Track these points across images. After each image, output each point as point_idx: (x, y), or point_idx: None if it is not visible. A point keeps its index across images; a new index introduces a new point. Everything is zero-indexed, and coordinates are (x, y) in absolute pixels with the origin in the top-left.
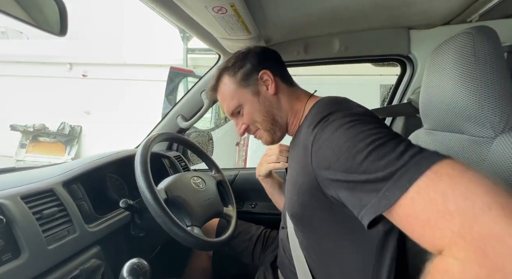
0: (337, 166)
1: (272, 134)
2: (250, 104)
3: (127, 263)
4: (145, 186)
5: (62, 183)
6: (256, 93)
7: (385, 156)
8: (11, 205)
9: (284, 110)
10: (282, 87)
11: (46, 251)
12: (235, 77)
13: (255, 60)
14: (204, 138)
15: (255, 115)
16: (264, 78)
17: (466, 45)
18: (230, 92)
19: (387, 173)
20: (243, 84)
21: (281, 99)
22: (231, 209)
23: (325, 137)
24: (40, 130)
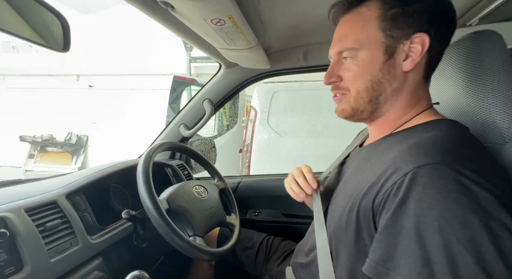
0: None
1: (358, 110)
2: (369, 58)
3: (128, 275)
4: (146, 196)
5: (66, 195)
6: (391, 53)
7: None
8: (15, 218)
9: (396, 99)
10: (419, 72)
11: (49, 264)
12: (386, 11)
13: (430, 13)
14: (207, 146)
15: (363, 77)
16: (414, 43)
17: (472, 50)
18: (364, 22)
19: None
20: (387, 27)
21: (406, 84)
22: (234, 218)
23: (416, 193)
24: (48, 140)
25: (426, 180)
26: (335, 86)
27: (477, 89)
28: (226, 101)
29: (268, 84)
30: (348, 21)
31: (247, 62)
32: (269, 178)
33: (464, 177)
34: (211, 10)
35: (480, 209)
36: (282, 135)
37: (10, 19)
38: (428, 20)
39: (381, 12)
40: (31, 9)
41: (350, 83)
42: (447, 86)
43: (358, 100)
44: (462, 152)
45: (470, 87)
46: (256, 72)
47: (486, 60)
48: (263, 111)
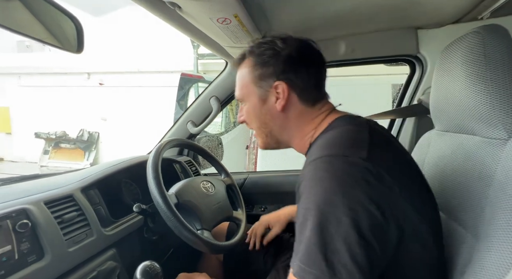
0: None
1: (266, 143)
2: (251, 106)
3: (140, 265)
4: (156, 191)
5: (81, 189)
6: (264, 99)
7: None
8: (35, 211)
9: (287, 130)
10: (295, 106)
11: (67, 253)
12: (254, 69)
13: (282, 64)
14: (214, 143)
15: (251, 119)
16: (278, 89)
17: (476, 44)
18: (242, 82)
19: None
20: (256, 82)
21: (288, 117)
22: (240, 213)
23: (305, 182)
24: (61, 137)
25: (314, 166)
26: (248, 127)
27: (481, 84)
28: (232, 98)
29: None
30: (238, 76)
31: None
32: (275, 175)
33: (328, 172)
34: (217, 10)
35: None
36: None
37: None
38: (282, 70)
39: (251, 68)
40: (46, 12)
41: (249, 123)
42: (451, 81)
43: (260, 135)
44: (344, 144)
45: (474, 82)
46: None
47: (489, 54)
48: None
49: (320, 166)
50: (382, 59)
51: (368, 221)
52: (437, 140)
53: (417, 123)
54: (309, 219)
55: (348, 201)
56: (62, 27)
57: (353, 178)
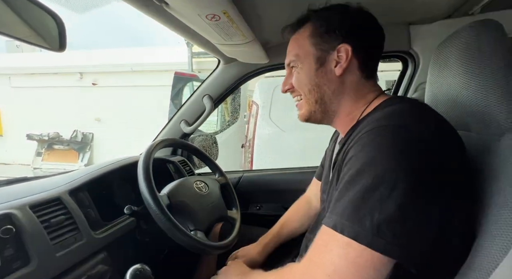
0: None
1: (311, 112)
2: (305, 69)
3: (130, 269)
4: (147, 192)
5: (69, 192)
6: (322, 61)
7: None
8: (20, 215)
9: (340, 99)
10: (354, 73)
11: (54, 258)
12: (315, 31)
13: (349, 27)
14: (209, 142)
15: (303, 82)
16: (340, 52)
17: (470, 40)
18: (298, 43)
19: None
20: (317, 43)
21: (345, 85)
22: (235, 212)
23: (359, 147)
24: (54, 138)
25: (367, 141)
26: (292, 92)
27: (475, 80)
28: (226, 96)
29: (269, 79)
30: (292, 40)
31: (245, 57)
32: (270, 173)
33: (386, 142)
34: (206, 6)
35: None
36: (284, 129)
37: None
38: (348, 33)
39: (312, 31)
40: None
41: (298, 87)
42: (446, 77)
43: (308, 102)
44: (403, 116)
45: (469, 78)
46: (255, 67)
47: (484, 50)
48: (264, 106)
49: (382, 133)
50: None
51: (424, 191)
52: None
53: None
54: (363, 177)
55: (407, 168)
56: (44, 25)
57: (416, 148)
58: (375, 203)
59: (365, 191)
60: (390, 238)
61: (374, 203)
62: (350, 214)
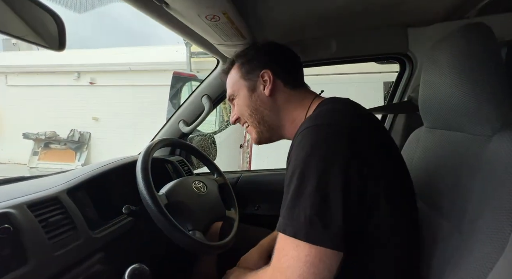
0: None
1: (259, 133)
2: (242, 98)
3: (128, 269)
4: (145, 192)
5: (67, 191)
6: (252, 89)
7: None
8: (17, 214)
9: (279, 114)
10: (281, 89)
11: (52, 257)
12: (242, 67)
13: (264, 57)
14: (207, 142)
15: (243, 109)
16: (264, 77)
17: (461, 43)
18: (232, 80)
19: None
20: (245, 77)
21: (277, 101)
22: (233, 212)
23: (292, 151)
24: (51, 137)
25: (295, 141)
26: (239, 121)
27: (466, 81)
28: (225, 97)
29: None
30: (227, 81)
31: None
32: (268, 173)
33: (312, 137)
34: (206, 6)
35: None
36: None
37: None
38: (264, 61)
39: (238, 68)
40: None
41: (241, 116)
42: (439, 78)
43: (253, 125)
44: (328, 114)
45: (460, 80)
46: None
47: (474, 53)
48: None
49: (305, 134)
50: (372, 57)
51: (341, 182)
52: (426, 137)
53: (408, 120)
54: (293, 181)
55: (326, 160)
56: (43, 24)
57: (334, 142)
58: (304, 199)
59: (296, 190)
60: (321, 229)
61: (304, 199)
62: (288, 214)
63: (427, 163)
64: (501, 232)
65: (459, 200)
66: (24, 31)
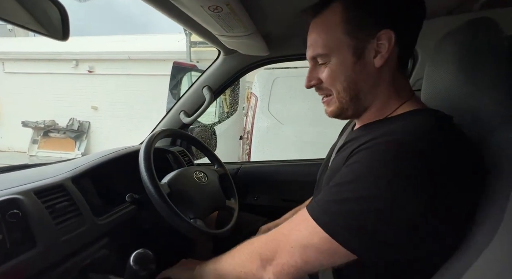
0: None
1: (343, 109)
2: (341, 63)
3: (134, 253)
4: (148, 181)
5: (72, 179)
6: (359, 53)
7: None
8: (26, 200)
9: (375, 94)
10: (393, 64)
11: (59, 242)
12: (349, 14)
13: (390, 7)
14: (207, 133)
15: (339, 78)
16: (381, 40)
17: (466, 37)
18: (329, 32)
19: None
20: (352, 31)
21: (382, 78)
22: (233, 202)
23: (357, 158)
24: (50, 126)
25: (374, 150)
26: (318, 88)
27: (471, 77)
28: (225, 88)
29: (268, 71)
30: (316, 26)
31: (246, 48)
32: (268, 165)
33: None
34: None
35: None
36: (283, 122)
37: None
38: (391, 16)
39: (344, 15)
40: None
41: (329, 85)
42: (443, 73)
43: (340, 100)
44: (425, 135)
45: (463, 75)
46: (255, 59)
47: (478, 47)
48: (263, 98)
49: (380, 148)
50: None
51: (406, 217)
52: None
53: None
54: (351, 185)
55: (387, 183)
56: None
57: (410, 167)
58: (352, 208)
59: (349, 197)
60: (354, 234)
61: (351, 208)
62: (329, 208)
63: None
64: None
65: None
66: (27, 20)
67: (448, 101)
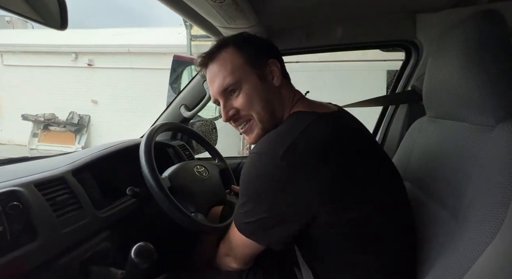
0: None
1: (266, 130)
2: (252, 87)
3: (135, 246)
4: (149, 174)
5: (72, 172)
6: (263, 78)
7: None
8: (26, 192)
9: (283, 108)
10: (284, 82)
11: (60, 234)
12: (242, 52)
13: (264, 46)
14: (208, 127)
15: (255, 100)
16: (271, 67)
17: (471, 30)
18: (232, 65)
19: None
20: (250, 63)
21: (282, 95)
22: (234, 197)
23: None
24: (50, 119)
25: (251, 159)
26: (236, 118)
27: (473, 70)
28: None
29: None
30: (218, 65)
31: None
32: None
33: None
34: None
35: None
36: None
37: None
38: (268, 49)
39: (239, 52)
40: None
41: (248, 109)
42: (446, 67)
43: (262, 120)
44: (281, 141)
45: (467, 68)
46: None
47: (484, 41)
48: None
49: (249, 161)
50: (378, 44)
51: (271, 220)
52: (428, 127)
53: (410, 111)
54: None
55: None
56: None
57: (266, 178)
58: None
59: (244, 202)
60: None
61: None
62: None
63: (428, 152)
64: (493, 221)
65: (458, 188)
66: (25, 8)
67: (452, 95)
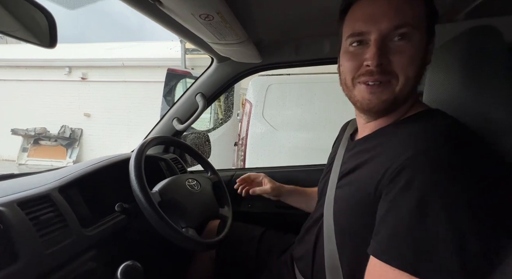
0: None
1: (395, 102)
2: (418, 41)
3: (121, 266)
4: (138, 189)
5: (58, 189)
6: (428, 41)
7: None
8: (8, 212)
9: (416, 88)
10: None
11: (43, 255)
12: (427, 4)
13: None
14: (201, 140)
15: (415, 62)
16: (434, 37)
17: (471, 45)
18: (413, 4)
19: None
20: (427, 16)
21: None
22: (226, 210)
23: (419, 176)
24: (41, 133)
25: (428, 163)
26: (382, 69)
27: (475, 84)
28: (219, 95)
29: (262, 77)
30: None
31: (239, 56)
32: (262, 171)
33: (461, 159)
34: (199, 6)
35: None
36: (277, 128)
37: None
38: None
39: (425, 2)
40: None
41: (401, 68)
42: (447, 79)
43: (403, 89)
44: (459, 137)
45: (468, 82)
46: (248, 66)
47: (484, 55)
48: (257, 104)
49: (434, 157)
50: None
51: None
52: None
53: None
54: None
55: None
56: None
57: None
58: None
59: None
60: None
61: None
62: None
63: None
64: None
65: None
66: (15, 27)
67: (453, 108)
